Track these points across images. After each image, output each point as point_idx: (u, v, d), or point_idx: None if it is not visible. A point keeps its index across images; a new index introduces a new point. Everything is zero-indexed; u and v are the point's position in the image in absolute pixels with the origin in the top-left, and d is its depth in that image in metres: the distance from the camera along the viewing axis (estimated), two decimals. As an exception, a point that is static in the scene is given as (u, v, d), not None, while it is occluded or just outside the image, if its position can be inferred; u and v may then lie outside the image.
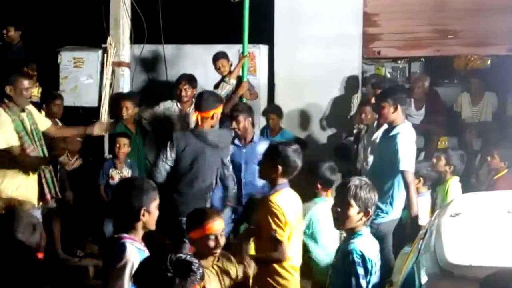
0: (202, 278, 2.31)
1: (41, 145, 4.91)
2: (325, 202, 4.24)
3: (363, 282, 3.08)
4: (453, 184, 5.30)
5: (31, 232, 3.12)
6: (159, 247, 2.96)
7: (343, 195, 3.20)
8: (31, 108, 5.01)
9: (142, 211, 2.92)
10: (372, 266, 3.12)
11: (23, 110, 4.83)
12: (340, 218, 3.23)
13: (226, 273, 3.25)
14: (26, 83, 4.78)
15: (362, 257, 3.09)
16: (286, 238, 3.65)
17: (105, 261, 2.96)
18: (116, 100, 6.38)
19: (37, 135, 4.89)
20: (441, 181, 5.41)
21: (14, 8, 7.52)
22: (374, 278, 3.15)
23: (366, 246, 3.17)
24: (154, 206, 2.98)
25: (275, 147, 3.83)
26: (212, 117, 4.92)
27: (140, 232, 2.96)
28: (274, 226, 3.59)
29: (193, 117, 5.03)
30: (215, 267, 3.21)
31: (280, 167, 3.69)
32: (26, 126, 4.78)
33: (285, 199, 3.68)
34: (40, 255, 3.25)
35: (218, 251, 3.18)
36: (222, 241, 3.18)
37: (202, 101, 4.92)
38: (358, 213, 3.18)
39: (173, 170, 4.96)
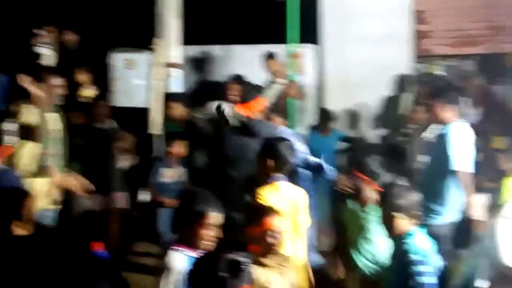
0: (251, 277, 2.33)
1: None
2: None
3: (431, 279, 3.05)
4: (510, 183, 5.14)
5: (88, 219, 3.10)
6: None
7: (386, 208, 3.27)
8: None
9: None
10: (431, 262, 3.12)
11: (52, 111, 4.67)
12: (390, 228, 3.29)
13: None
14: (57, 81, 4.62)
15: (423, 255, 3.10)
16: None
17: None
18: (164, 100, 6.48)
19: (60, 140, 4.73)
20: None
21: (69, 11, 7.69)
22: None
23: (422, 244, 3.17)
24: (204, 224, 2.82)
25: (267, 142, 3.90)
26: (259, 104, 5.03)
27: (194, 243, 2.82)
28: None
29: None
30: (277, 266, 3.19)
31: (271, 161, 3.75)
32: (47, 126, 4.57)
33: (275, 192, 3.70)
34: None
35: (278, 248, 3.19)
36: (282, 238, 3.18)
37: (248, 92, 5.09)
38: (405, 219, 3.21)
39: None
